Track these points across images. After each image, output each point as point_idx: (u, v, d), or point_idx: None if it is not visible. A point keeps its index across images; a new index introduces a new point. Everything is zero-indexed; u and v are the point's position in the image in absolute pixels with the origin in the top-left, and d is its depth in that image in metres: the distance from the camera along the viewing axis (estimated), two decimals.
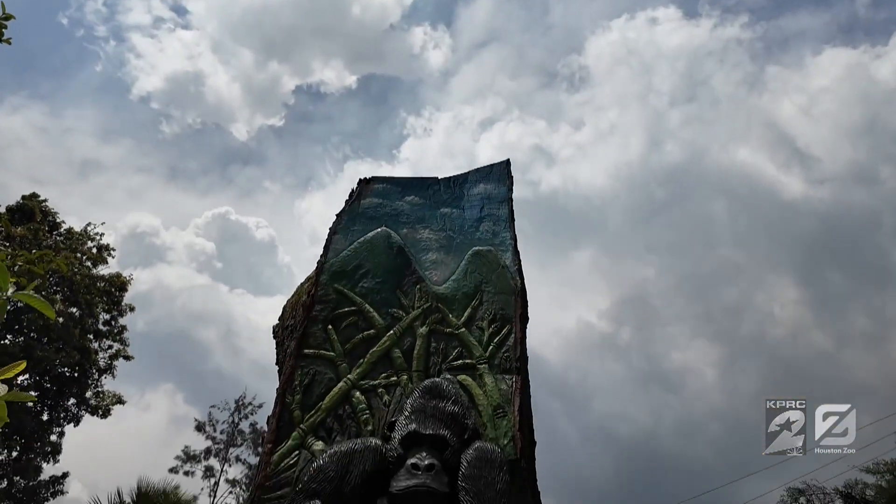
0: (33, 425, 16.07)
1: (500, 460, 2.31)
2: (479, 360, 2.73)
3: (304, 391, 2.59)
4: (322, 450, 2.39)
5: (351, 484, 2.25)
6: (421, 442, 2.35)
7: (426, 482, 2.20)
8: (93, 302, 17.77)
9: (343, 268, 3.04)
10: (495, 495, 2.19)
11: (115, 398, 19.25)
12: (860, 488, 6.96)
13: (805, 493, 7.36)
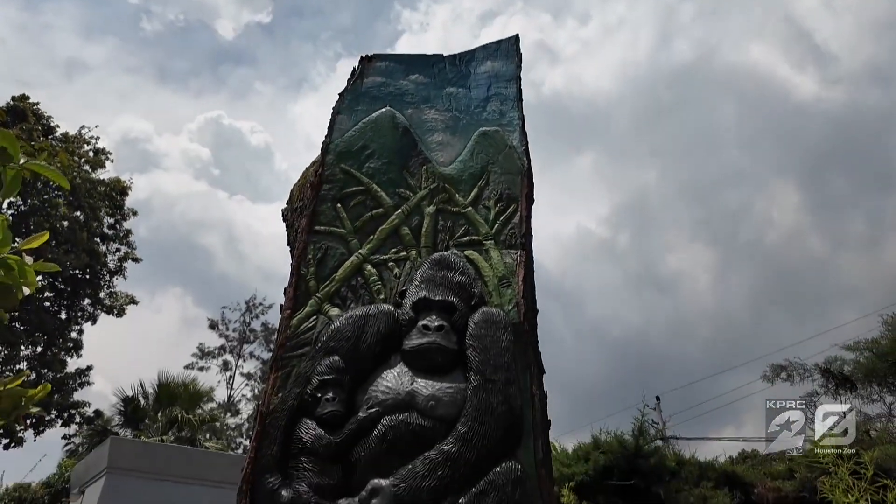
0: (53, 322, 16.84)
1: (504, 322, 2.46)
2: (485, 236, 2.81)
3: (317, 264, 2.70)
4: (338, 315, 2.53)
5: (367, 343, 2.42)
6: (430, 307, 2.49)
7: (436, 340, 2.37)
8: (96, 206, 17.83)
9: (348, 148, 3.03)
10: (500, 351, 2.36)
11: (128, 299, 19.95)
12: (839, 364, 7.40)
13: (786, 369, 7.84)
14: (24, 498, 22.44)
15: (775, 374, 8.04)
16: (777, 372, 8.01)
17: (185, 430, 17.64)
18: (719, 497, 6.52)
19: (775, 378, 8.02)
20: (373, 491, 2.06)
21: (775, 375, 8.03)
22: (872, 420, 6.97)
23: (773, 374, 8.04)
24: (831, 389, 7.41)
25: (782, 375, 7.93)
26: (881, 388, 6.85)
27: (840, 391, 7.29)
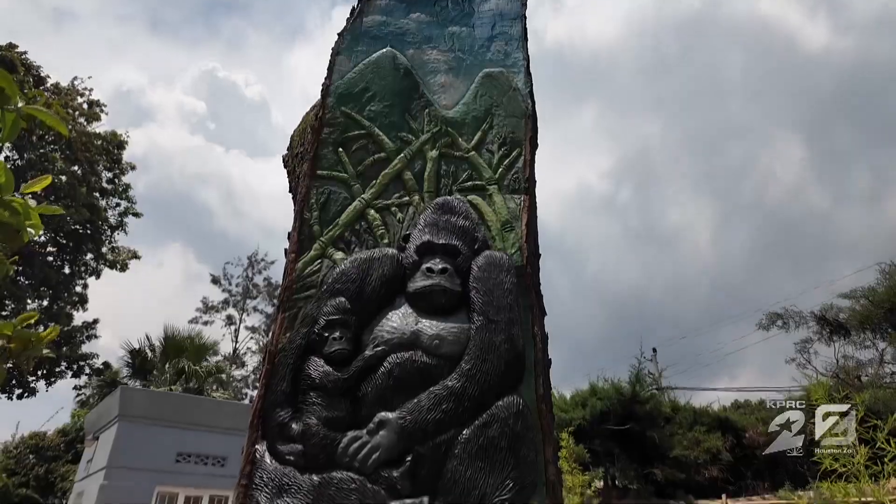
0: (58, 277, 16.99)
1: (507, 265, 2.48)
2: (488, 181, 2.79)
3: (320, 209, 2.69)
4: (342, 259, 2.55)
5: (371, 285, 2.45)
6: (434, 251, 2.51)
7: (440, 282, 2.39)
8: (93, 160, 17.65)
9: (349, 90, 2.97)
10: (503, 293, 2.40)
11: (130, 253, 20.04)
12: (834, 312, 7.49)
13: (782, 317, 7.96)
14: (41, 445, 23.24)
15: (771, 322, 8.15)
16: (773, 320, 8.12)
17: (193, 381, 18.09)
18: (712, 440, 6.76)
19: (770, 326, 8.14)
20: (380, 423, 2.13)
21: (771, 323, 8.14)
22: (864, 365, 7.13)
23: (769, 321, 8.16)
24: (825, 336, 7.52)
25: (778, 323, 8.04)
26: (874, 334, 6.97)
27: (834, 338, 7.41)
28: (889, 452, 3.04)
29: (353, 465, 2.07)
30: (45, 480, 22.13)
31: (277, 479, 2.06)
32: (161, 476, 10.51)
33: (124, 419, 10.47)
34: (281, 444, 2.15)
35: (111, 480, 9.95)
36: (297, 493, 2.01)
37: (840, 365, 7.25)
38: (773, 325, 8.08)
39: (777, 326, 8.00)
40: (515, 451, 2.09)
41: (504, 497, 2.00)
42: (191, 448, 10.99)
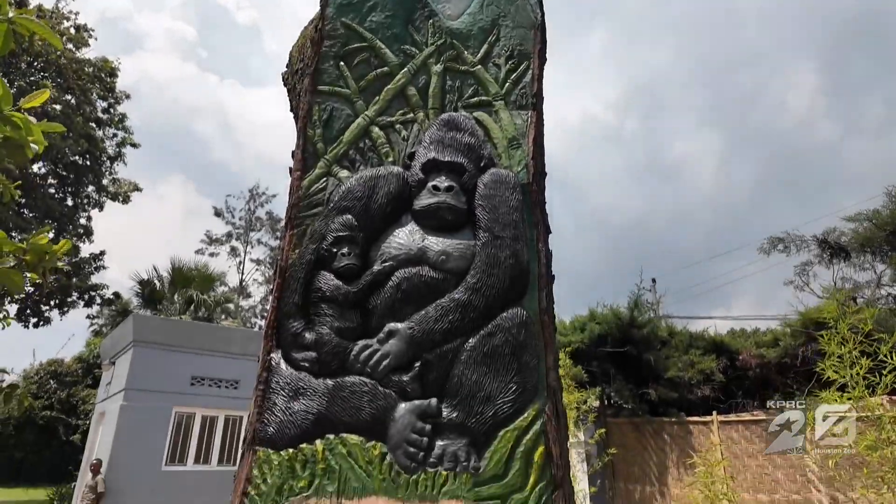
0: (61, 209, 17.01)
1: (513, 182, 2.48)
2: (494, 96, 2.73)
3: (323, 126, 2.66)
4: (348, 176, 2.55)
5: (377, 203, 2.46)
6: (440, 168, 2.50)
7: (446, 199, 2.40)
8: (86, 88, 17.16)
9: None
10: (508, 210, 2.41)
11: (131, 185, 19.95)
12: (836, 235, 7.52)
13: (784, 241, 8.00)
14: (60, 371, 24.23)
15: (772, 246, 8.16)
16: (774, 244, 8.13)
17: (202, 310, 18.57)
18: (706, 362, 7.02)
19: (772, 250, 8.18)
20: (389, 333, 2.22)
21: (772, 247, 8.16)
22: (861, 287, 7.24)
23: (770, 246, 8.17)
24: (825, 259, 7.58)
25: (779, 247, 8.07)
26: (874, 256, 7.01)
27: (834, 260, 7.47)
28: (889, 365, 3.16)
29: (364, 370, 2.17)
30: (67, 403, 23.29)
31: (293, 383, 2.17)
32: (177, 397, 11.04)
33: (139, 345, 10.87)
34: (295, 352, 2.24)
35: (130, 401, 10.47)
36: (312, 396, 2.13)
37: (838, 287, 7.37)
38: (775, 248, 8.11)
39: (778, 250, 8.04)
40: (518, 357, 2.18)
41: (507, 399, 2.12)
42: (204, 372, 11.48)
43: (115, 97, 18.27)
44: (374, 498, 1.95)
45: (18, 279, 1.85)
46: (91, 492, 9.64)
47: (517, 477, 2.00)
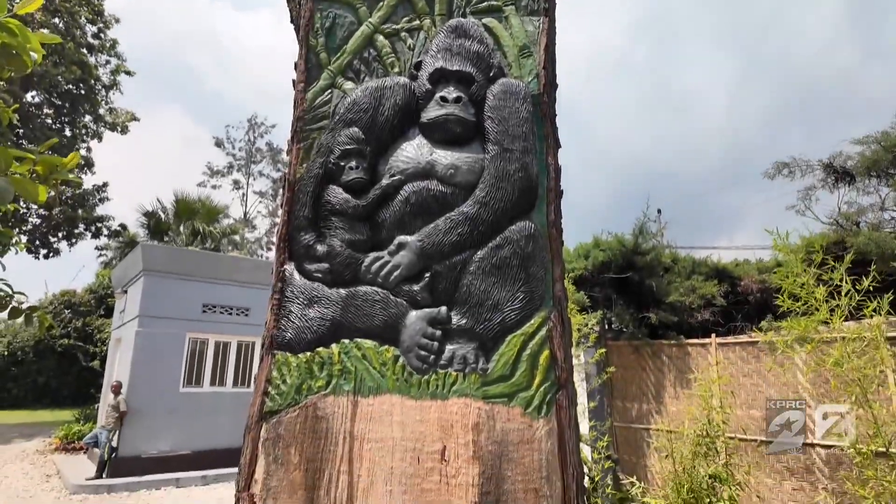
0: (60, 139, 16.79)
1: (523, 93, 2.42)
2: (504, 2, 2.60)
3: (326, 34, 2.56)
4: (353, 88, 2.49)
5: (384, 115, 2.42)
6: (448, 78, 2.43)
7: (454, 111, 2.36)
8: (73, 10, 16.43)
9: None
10: (518, 122, 2.37)
11: (129, 115, 19.57)
12: (843, 159, 7.39)
13: (789, 166, 7.89)
14: (73, 301, 24.85)
15: (777, 171, 8.04)
16: (780, 169, 8.01)
17: (208, 241, 18.74)
18: (707, 287, 7.13)
19: (777, 175, 8.06)
20: (399, 245, 2.25)
21: (777, 172, 8.04)
22: (864, 211, 7.19)
23: (776, 170, 8.05)
24: (829, 184, 7.49)
25: (784, 172, 7.95)
26: (879, 180, 6.91)
27: (838, 184, 7.38)
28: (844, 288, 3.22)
29: (376, 281, 2.22)
30: (83, 332, 24.09)
31: (307, 292, 2.23)
32: (190, 324, 11.38)
33: (149, 273, 11.07)
34: (308, 264, 2.29)
35: (144, 327, 10.81)
36: (326, 304, 2.19)
37: (841, 211, 7.32)
38: (780, 173, 7.99)
39: (783, 175, 7.92)
40: (526, 268, 2.22)
41: (515, 307, 2.18)
42: (215, 300, 11.76)
43: (104, 21, 17.52)
44: (389, 396, 2.05)
45: (34, 189, 1.86)
46: (114, 410, 10.17)
47: (523, 377, 2.09)
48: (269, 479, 1.94)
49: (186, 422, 10.84)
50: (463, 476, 1.92)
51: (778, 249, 3.73)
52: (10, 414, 21.15)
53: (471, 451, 1.95)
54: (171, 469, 10.32)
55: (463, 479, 1.91)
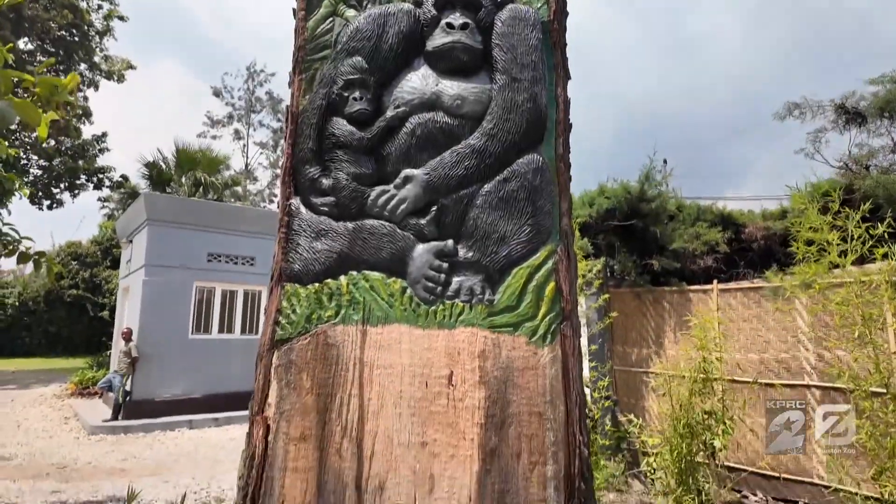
0: None
1: (533, 19, 2.34)
2: None
3: None
4: (355, 16, 2.41)
5: (388, 42, 2.35)
6: (454, 4, 2.35)
7: (461, 39, 2.28)
8: None
9: None
10: (527, 50, 2.30)
11: (124, 63, 19.09)
12: (856, 99, 7.19)
13: (800, 107, 7.69)
14: (79, 253, 25.04)
15: (788, 112, 7.83)
16: (790, 109, 7.79)
17: (210, 192, 18.67)
18: (711, 234, 7.11)
19: (787, 115, 7.86)
20: (406, 178, 2.23)
21: (788, 113, 7.83)
22: (875, 153, 7.05)
23: (787, 111, 7.84)
24: (840, 125, 7.31)
25: (794, 113, 7.74)
26: (892, 121, 6.73)
27: (849, 126, 7.21)
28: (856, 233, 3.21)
29: (382, 214, 2.22)
30: (91, 283, 24.41)
31: (315, 226, 2.23)
32: (197, 273, 11.49)
33: (153, 223, 11.09)
34: (314, 198, 2.28)
35: (151, 276, 10.93)
36: (334, 237, 2.20)
37: (851, 154, 7.18)
38: (790, 114, 7.77)
39: (793, 117, 7.71)
40: (533, 201, 2.21)
41: (521, 239, 2.18)
42: (220, 249, 11.82)
43: None
44: (397, 325, 2.09)
45: (35, 113, 1.83)
46: (126, 357, 10.44)
47: (529, 308, 2.12)
48: (282, 402, 2.01)
49: (197, 367, 11.13)
50: (469, 399, 1.98)
51: (796, 202, 3.68)
52: (26, 361, 21.75)
53: (477, 377, 2.00)
54: (184, 412, 10.69)
55: (469, 402, 1.97)
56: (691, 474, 3.76)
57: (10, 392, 13.86)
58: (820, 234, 3.42)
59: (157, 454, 8.10)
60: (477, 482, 1.88)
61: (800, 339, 5.93)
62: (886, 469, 2.95)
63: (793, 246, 3.62)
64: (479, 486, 1.88)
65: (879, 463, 3.00)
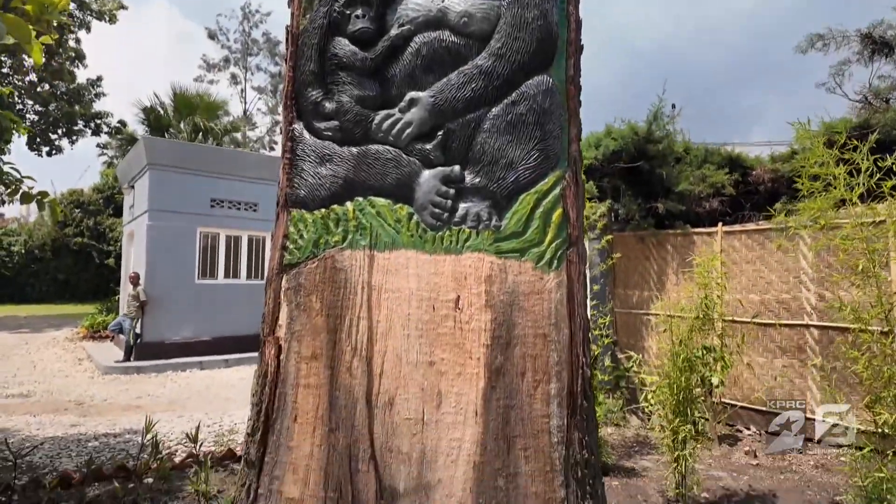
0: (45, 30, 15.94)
1: None
2: None
3: None
4: None
5: None
6: None
7: None
8: None
9: None
10: None
11: (116, 3, 18.41)
12: (883, 28, 6.91)
13: (824, 38, 7.41)
14: (82, 201, 25.02)
15: (810, 44, 7.52)
16: (813, 41, 7.48)
17: (210, 138, 18.41)
18: (718, 176, 7.03)
19: (809, 48, 7.56)
20: (411, 101, 2.18)
21: (810, 45, 7.53)
22: None
23: (808, 43, 7.53)
24: (865, 56, 7.04)
25: (817, 45, 7.44)
26: None
27: (874, 58, 6.96)
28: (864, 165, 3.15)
29: (387, 139, 2.18)
30: (95, 231, 24.52)
31: (318, 151, 2.20)
32: (200, 218, 11.51)
33: (154, 167, 11.00)
34: (317, 122, 2.24)
35: (155, 221, 10.94)
36: (339, 162, 2.18)
37: (872, 87, 6.95)
38: (812, 47, 7.47)
39: (816, 49, 7.42)
40: (542, 125, 2.16)
41: (529, 165, 2.15)
42: (223, 195, 11.78)
43: None
44: (404, 251, 2.10)
45: (25, 29, 1.77)
46: (134, 300, 10.62)
47: (535, 234, 2.12)
48: (293, 323, 2.04)
49: (205, 311, 11.34)
50: (476, 322, 2.01)
51: (801, 137, 3.61)
52: (37, 308, 22.18)
53: (483, 300, 2.02)
54: (194, 354, 10.97)
55: (476, 324, 2.01)
56: (689, 406, 3.87)
57: (23, 335, 14.21)
58: (826, 168, 3.36)
59: (170, 392, 8.38)
60: (483, 398, 1.93)
61: (801, 279, 5.97)
62: (881, 398, 3.03)
63: (798, 182, 3.58)
64: (485, 401, 1.93)
65: (875, 392, 3.08)
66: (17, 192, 4.08)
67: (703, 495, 4.21)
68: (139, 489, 3.93)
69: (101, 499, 3.83)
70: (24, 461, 4.73)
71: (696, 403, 4.10)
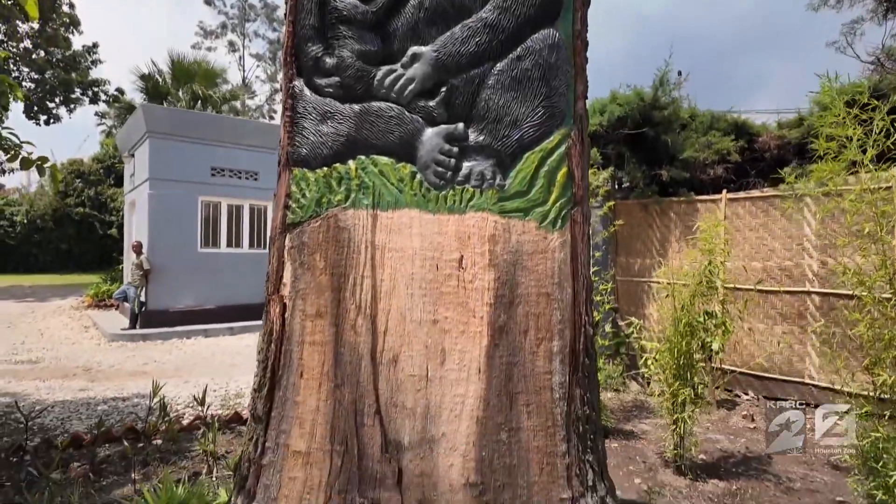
0: None
1: None
2: None
3: None
4: None
5: None
6: None
7: None
8: None
9: None
10: None
11: None
12: None
13: None
14: (82, 171, 24.88)
15: (822, 2, 7.29)
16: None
17: (209, 107, 18.17)
18: (724, 142, 6.94)
19: (822, 5, 7.33)
20: (413, 56, 2.13)
21: (823, 3, 7.30)
22: None
23: (821, 1, 7.30)
24: (879, 14, 6.83)
25: (830, 2, 7.20)
26: None
27: (889, 15, 6.75)
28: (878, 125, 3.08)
29: (389, 96, 2.14)
30: (96, 201, 24.46)
31: (320, 108, 2.16)
32: (201, 187, 11.45)
33: (153, 135, 10.89)
34: (318, 78, 2.19)
35: (156, 190, 10.90)
36: (340, 119, 2.14)
37: (884, 47, 6.77)
38: (825, 4, 7.25)
39: (829, 6, 7.19)
40: (548, 81, 2.12)
41: (534, 122, 2.11)
42: (223, 163, 11.69)
43: None
44: (407, 210, 2.08)
45: None
46: (138, 268, 10.66)
47: (540, 193, 2.10)
48: (297, 281, 2.05)
49: (208, 279, 11.39)
50: (479, 281, 2.01)
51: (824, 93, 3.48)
52: (41, 277, 22.33)
53: (487, 260, 2.02)
54: (199, 322, 11.08)
55: (479, 283, 2.01)
56: (689, 370, 3.91)
57: (29, 304, 14.34)
58: (843, 128, 3.29)
59: (176, 359, 8.49)
60: (486, 355, 1.95)
61: (804, 246, 5.95)
62: (881, 360, 3.05)
63: (812, 143, 3.50)
64: (489, 358, 1.95)
65: (875, 353, 3.10)
66: (17, 158, 4.05)
67: (701, 457, 4.29)
68: (148, 449, 4.02)
69: (111, 458, 3.92)
70: (35, 423, 4.83)
71: (696, 368, 4.14)
